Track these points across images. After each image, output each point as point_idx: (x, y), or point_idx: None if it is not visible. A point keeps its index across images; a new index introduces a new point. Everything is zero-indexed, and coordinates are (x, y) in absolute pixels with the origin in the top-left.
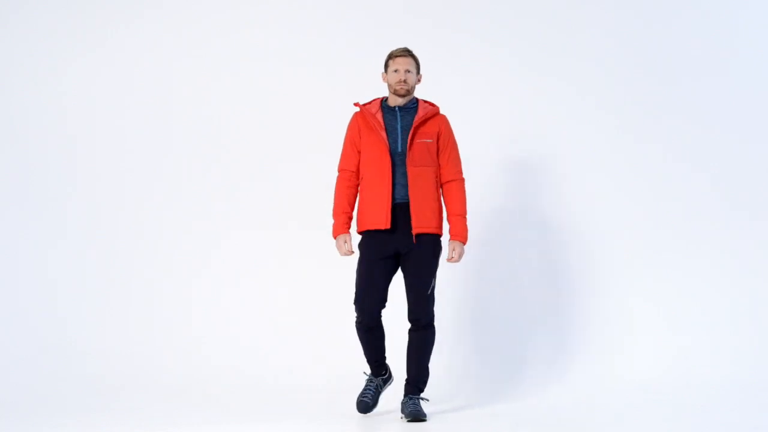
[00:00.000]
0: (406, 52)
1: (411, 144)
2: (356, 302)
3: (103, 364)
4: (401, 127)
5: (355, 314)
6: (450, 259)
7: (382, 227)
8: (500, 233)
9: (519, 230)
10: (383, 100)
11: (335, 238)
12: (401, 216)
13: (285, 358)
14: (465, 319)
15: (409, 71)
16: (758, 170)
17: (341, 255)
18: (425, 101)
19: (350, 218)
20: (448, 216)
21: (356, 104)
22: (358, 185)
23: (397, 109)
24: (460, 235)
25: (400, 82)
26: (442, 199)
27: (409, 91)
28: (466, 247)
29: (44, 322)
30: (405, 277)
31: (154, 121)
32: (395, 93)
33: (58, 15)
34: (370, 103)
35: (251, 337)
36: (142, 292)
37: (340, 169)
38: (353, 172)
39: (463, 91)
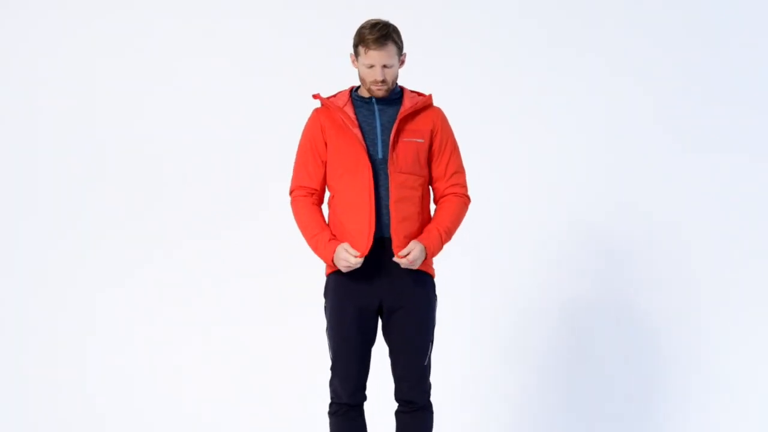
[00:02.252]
0: (383, 40)
1: (395, 145)
2: (333, 373)
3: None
4: (381, 125)
5: (329, 396)
6: (400, 256)
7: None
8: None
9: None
10: (353, 90)
11: (332, 261)
12: (386, 253)
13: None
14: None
15: (388, 67)
16: None
17: (354, 265)
18: (412, 91)
19: (331, 232)
20: (428, 226)
21: (316, 96)
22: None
23: (373, 100)
24: (432, 242)
25: (376, 82)
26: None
27: (391, 87)
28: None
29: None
30: (390, 341)
31: (156, 125)
32: (370, 93)
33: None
34: (335, 95)
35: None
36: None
37: (294, 188)
38: (315, 190)
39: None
